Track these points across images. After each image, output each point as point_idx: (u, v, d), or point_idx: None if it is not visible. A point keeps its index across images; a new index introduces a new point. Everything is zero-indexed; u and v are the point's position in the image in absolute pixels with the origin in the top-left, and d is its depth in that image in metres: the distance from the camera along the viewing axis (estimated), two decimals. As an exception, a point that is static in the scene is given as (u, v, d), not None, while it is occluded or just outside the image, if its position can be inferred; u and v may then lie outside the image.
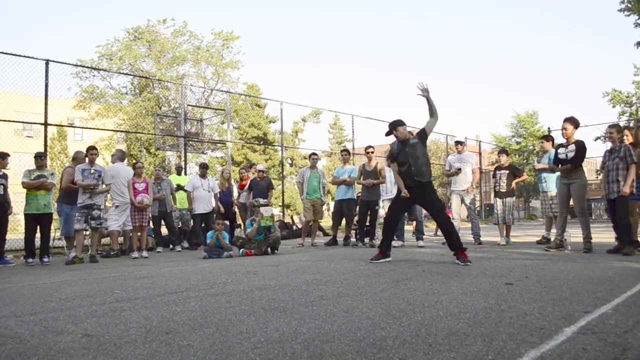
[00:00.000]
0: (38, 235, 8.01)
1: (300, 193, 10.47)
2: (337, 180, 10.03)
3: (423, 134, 6.21)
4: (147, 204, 8.85)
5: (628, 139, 7.11)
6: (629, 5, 20.82)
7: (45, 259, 7.82)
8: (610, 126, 7.05)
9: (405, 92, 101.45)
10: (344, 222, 10.35)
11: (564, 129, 7.20)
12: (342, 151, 10.81)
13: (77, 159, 8.77)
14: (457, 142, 9.89)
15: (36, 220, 7.89)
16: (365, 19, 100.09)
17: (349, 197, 10.03)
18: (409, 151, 6.12)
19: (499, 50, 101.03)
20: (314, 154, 10.75)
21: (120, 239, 9.82)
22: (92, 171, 7.98)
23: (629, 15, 21.31)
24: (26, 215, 7.85)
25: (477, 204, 18.76)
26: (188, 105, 15.50)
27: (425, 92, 5.97)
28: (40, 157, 8.04)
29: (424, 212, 8.91)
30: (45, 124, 10.06)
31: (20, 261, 8.18)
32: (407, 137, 6.22)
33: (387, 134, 6.32)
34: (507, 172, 9.03)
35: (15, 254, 8.88)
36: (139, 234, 8.84)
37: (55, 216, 8.59)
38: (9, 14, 61.87)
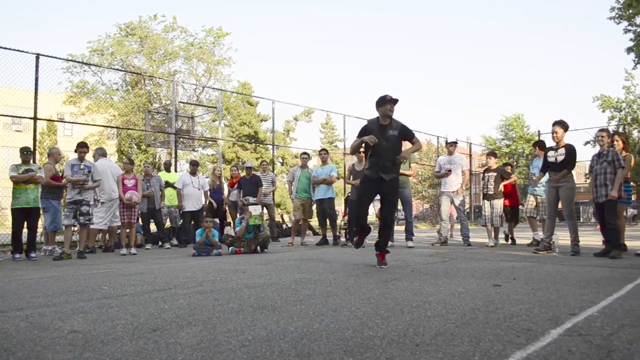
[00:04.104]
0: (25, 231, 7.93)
1: (290, 192, 10.46)
2: (317, 180, 10.04)
3: (406, 134, 5.56)
4: (135, 201, 8.81)
5: (618, 144, 7.18)
6: (619, 12, 21.12)
7: (33, 255, 7.74)
8: (600, 130, 7.13)
9: (396, 93, 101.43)
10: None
11: (554, 132, 7.24)
12: (320, 150, 10.87)
13: (51, 154, 8.69)
14: (449, 143, 9.92)
15: (24, 215, 7.79)
16: (358, 17, 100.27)
17: (329, 197, 10.05)
18: (385, 143, 5.43)
19: (492, 53, 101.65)
20: (305, 153, 10.76)
21: (101, 236, 9.74)
22: (82, 167, 7.92)
23: (619, 23, 21.60)
24: (14, 210, 7.74)
25: (467, 205, 18.83)
26: (179, 102, 15.42)
27: (403, 158, 5.57)
28: (26, 152, 7.91)
29: (414, 212, 8.90)
30: (35, 119, 9.97)
31: (7, 256, 8.09)
32: (388, 122, 5.51)
33: (387, 101, 5.44)
34: (494, 174, 9.09)
35: (2, 249, 8.80)
36: (127, 230, 8.79)
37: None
38: (0, 7, 61.16)
